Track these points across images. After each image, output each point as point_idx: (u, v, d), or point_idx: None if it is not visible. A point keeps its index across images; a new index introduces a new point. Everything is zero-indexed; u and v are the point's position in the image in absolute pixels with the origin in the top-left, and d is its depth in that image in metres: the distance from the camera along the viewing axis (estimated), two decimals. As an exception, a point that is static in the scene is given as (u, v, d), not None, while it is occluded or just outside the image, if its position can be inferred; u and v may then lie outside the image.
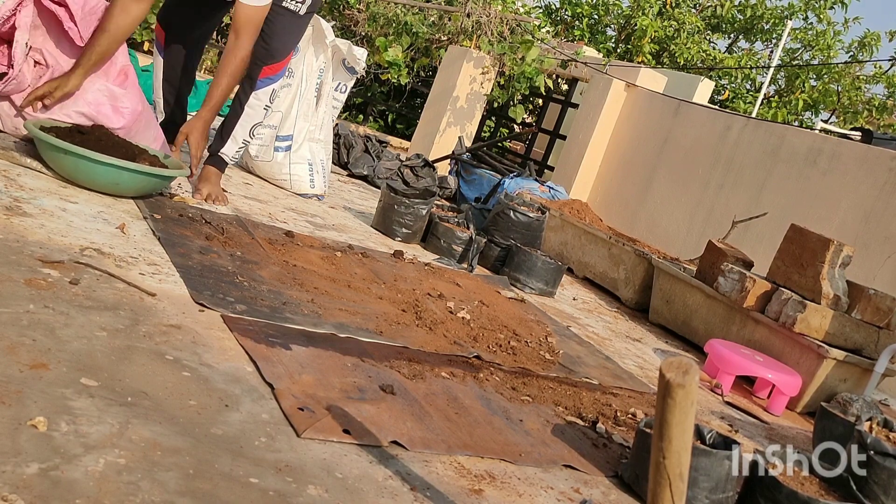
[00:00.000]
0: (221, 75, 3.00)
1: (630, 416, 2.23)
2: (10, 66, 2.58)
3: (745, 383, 3.26)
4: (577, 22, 13.16)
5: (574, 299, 3.89)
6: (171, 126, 3.39)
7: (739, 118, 5.60)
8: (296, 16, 3.18)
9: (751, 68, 12.02)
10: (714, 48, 12.70)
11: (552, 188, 5.50)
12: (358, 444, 1.50)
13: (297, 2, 3.14)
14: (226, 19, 5.27)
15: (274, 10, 3.07)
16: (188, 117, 3.29)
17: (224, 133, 3.28)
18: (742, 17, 12.80)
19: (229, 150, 3.27)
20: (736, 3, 12.73)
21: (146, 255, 2.19)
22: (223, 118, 3.42)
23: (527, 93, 7.66)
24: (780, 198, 4.95)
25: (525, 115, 9.50)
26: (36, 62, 2.67)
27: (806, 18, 12.27)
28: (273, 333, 1.92)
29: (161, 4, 3.40)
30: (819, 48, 12.02)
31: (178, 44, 3.42)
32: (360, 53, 4.15)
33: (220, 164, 3.24)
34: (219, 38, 12.10)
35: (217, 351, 1.71)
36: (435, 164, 5.64)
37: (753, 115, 9.44)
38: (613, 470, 1.82)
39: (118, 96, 2.80)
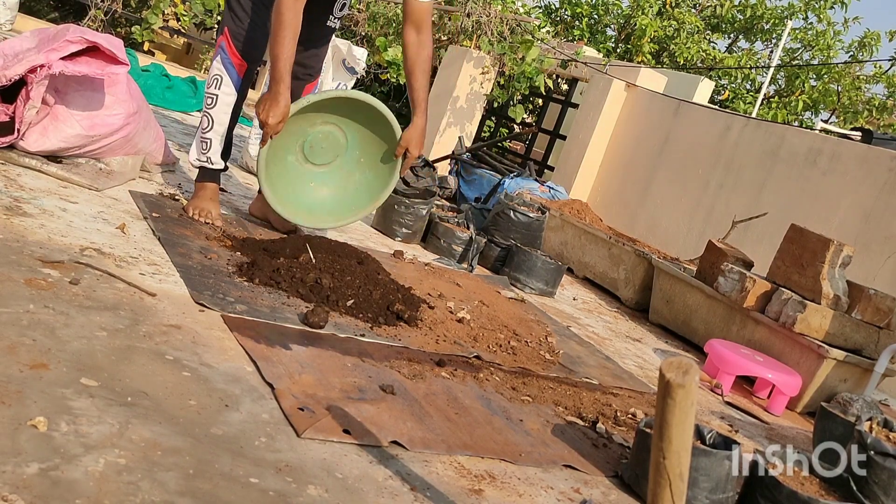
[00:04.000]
0: (419, 75, 2.86)
1: (630, 416, 2.23)
2: (12, 115, 2.55)
3: (745, 383, 3.26)
4: (576, 22, 13.15)
5: (574, 299, 3.88)
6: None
7: (739, 118, 5.60)
8: (333, 32, 3.10)
9: (751, 68, 12.01)
10: (714, 48, 12.70)
11: (552, 188, 5.50)
12: (358, 444, 1.50)
13: (337, 19, 3.03)
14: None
15: (318, 30, 3.00)
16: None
17: None
18: (742, 17, 12.80)
19: None
20: (736, 3, 12.72)
21: (146, 255, 2.19)
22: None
23: (527, 93, 7.65)
24: (780, 198, 4.95)
25: (525, 115, 9.50)
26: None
27: (806, 18, 12.26)
28: (273, 333, 1.92)
29: (236, 32, 2.86)
30: (819, 48, 12.02)
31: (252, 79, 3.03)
32: (360, 53, 4.15)
33: None
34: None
35: (217, 351, 1.71)
36: (435, 164, 5.63)
37: (753, 115, 9.44)
38: (613, 470, 1.82)
39: (108, 104, 2.76)
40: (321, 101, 2.77)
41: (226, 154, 2.96)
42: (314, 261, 2.42)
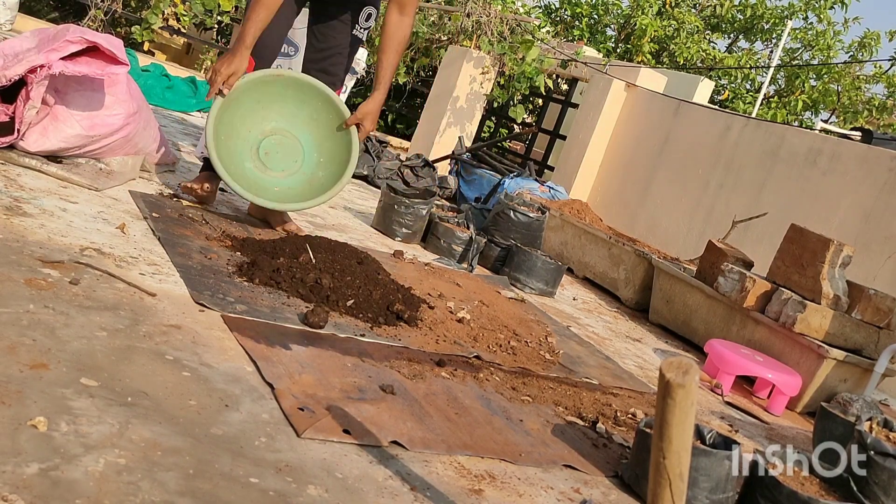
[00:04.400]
0: (391, 52, 2.85)
1: (630, 416, 2.23)
2: (12, 115, 2.55)
3: (745, 383, 3.26)
4: (576, 22, 13.16)
5: (574, 299, 3.88)
6: None
7: (739, 118, 5.60)
8: (359, 42, 3.10)
9: (751, 68, 12.02)
10: (714, 48, 12.71)
11: (552, 188, 5.51)
12: (358, 444, 1.50)
13: (364, 29, 3.03)
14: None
15: (342, 37, 3.00)
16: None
17: None
18: (742, 17, 12.81)
19: None
20: (736, 3, 12.73)
21: (146, 255, 2.19)
22: None
23: (527, 93, 7.66)
24: (780, 198, 4.95)
25: (525, 115, 9.50)
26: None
27: (806, 18, 12.27)
28: (273, 333, 1.92)
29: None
30: (819, 48, 12.03)
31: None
32: (361, 54, 4.15)
33: None
34: (219, 37, 12.09)
35: (217, 351, 1.71)
36: (435, 164, 5.64)
37: (753, 115, 9.44)
38: (613, 470, 1.82)
39: (108, 104, 2.76)
40: (267, 77, 2.83)
41: None
42: (314, 261, 2.42)
